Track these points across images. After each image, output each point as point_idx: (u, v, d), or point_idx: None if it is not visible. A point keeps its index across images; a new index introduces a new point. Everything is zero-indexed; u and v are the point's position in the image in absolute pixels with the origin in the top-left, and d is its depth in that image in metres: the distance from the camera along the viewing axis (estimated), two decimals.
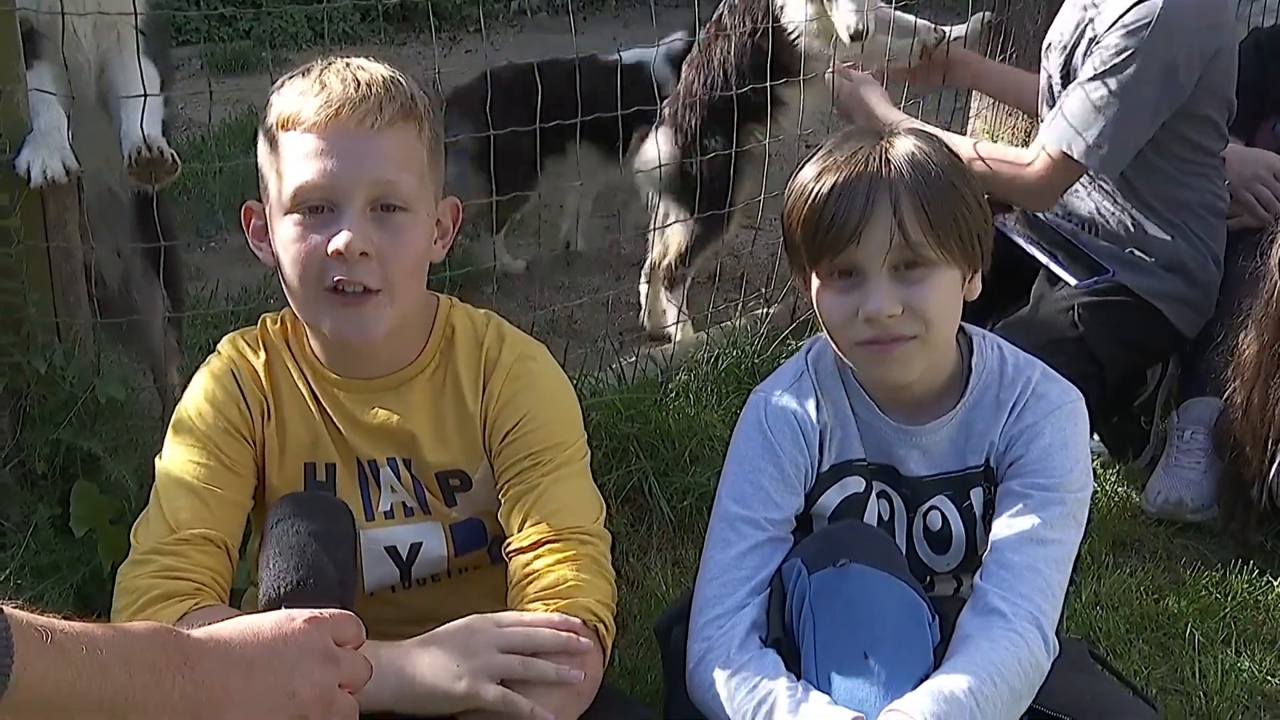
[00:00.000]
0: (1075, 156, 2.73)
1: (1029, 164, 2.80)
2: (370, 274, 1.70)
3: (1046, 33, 3.05)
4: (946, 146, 1.83)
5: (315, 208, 1.69)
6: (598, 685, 1.71)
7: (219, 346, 1.88)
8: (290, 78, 1.76)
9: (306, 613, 1.32)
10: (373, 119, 1.68)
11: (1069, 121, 2.74)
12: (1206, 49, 2.74)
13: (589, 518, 1.80)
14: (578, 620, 1.69)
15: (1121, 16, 2.69)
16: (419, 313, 1.84)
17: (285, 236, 1.71)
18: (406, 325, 1.81)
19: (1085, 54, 2.77)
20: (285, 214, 1.71)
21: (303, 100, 1.69)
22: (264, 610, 1.44)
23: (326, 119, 1.67)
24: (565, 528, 1.76)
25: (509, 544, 1.78)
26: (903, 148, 1.76)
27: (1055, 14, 3.03)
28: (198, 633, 1.22)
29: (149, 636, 1.16)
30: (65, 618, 1.11)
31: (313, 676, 1.27)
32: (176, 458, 1.79)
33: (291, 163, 1.69)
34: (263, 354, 1.85)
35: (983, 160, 2.81)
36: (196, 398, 1.83)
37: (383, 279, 1.71)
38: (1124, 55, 2.68)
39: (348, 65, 1.74)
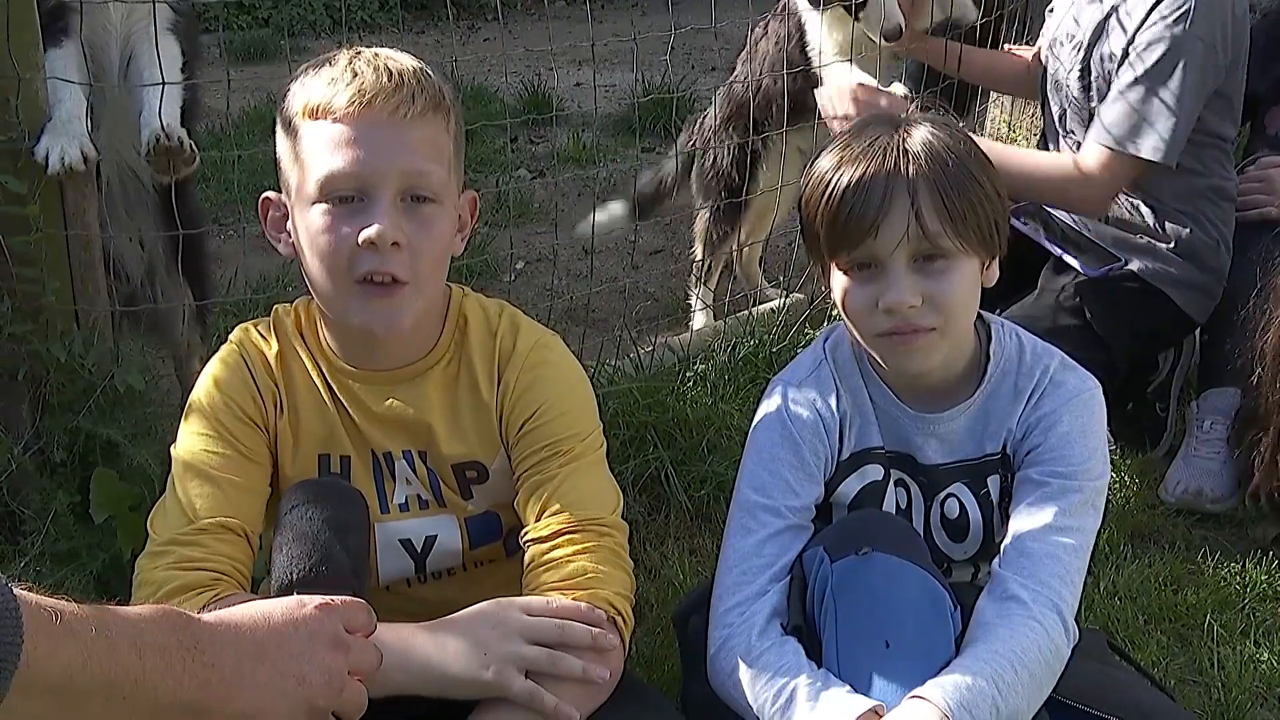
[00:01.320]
0: (1140, 154, 2.68)
1: (1086, 167, 2.73)
2: (401, 265, 1.69)
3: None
4: (967, 136, 1.82)
5: (345, 198, 1.68)
6: (618, 679, 1.70)
7: (231, 336, 1.87)
8: (312, 67, 1.74)
9: (317, 599, 1.31)
10: (405, 109, 1.67)
11: (1127, 119, 2.68)
12: (1235, 25, 2.72)
13: (607, 508, 1.79)
14: (601, 613, 1.67)
15: (1156, 6, 2.66)
16: (435, 304, 1.84)
17: (313, 227, 1.69)
18: (423, 317, 1.80)
19: (1122, 53, 2.71)
20: (312, 204, 1.69)
21: (333, 89, 1.67)
22: (276, 596, 1.43)
23: (359, 109, 1.66)
24: (584, 519, 1.75)
25: (526, 533, 1.77)
26: (920, 137, 1.75)
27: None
28: (208, 617, 1.22)
29: (158, 619, 1.15)
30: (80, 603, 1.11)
31: (322, 662, 1.27)
32: (191, 446, 1.78)
33: (320, 152, 1.67)
34: (275, 344, 1.84)
35: (1027, 168, 2.77)
36: (209, 386, 1.82)
37: (412, 270, 1.70)
38: (1171, 44, 2.64)
39: (376, 55, 1.72)
